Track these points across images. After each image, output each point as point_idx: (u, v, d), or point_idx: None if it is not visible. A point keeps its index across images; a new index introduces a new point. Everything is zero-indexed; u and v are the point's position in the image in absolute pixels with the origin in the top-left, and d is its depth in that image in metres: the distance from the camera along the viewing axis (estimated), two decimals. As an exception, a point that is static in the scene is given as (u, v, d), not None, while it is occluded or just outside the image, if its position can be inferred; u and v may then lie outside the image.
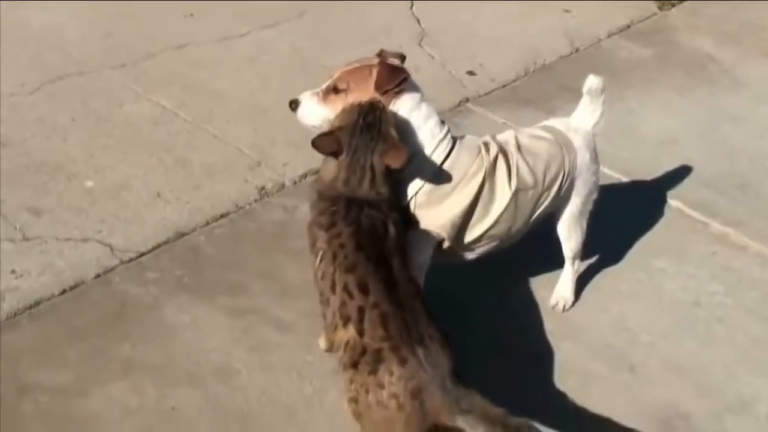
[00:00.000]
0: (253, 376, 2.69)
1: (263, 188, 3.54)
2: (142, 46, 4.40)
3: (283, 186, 3.57)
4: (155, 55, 4.35)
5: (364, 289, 2.26)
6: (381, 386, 2.18)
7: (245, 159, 3.70)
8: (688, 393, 2.83)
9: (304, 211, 3.41)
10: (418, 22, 4.99)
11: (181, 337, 2.80)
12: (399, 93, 2.60)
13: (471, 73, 4.55)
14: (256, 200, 3.48)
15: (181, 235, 3.25)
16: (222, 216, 3.36)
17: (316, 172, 3.65)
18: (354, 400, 2.25)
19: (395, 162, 2.48)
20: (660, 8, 5.41)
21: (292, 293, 3.01)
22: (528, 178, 2.75)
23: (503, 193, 2.71)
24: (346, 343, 2.25)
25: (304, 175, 3.65)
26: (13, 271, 2.97)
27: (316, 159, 3.74)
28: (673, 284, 3.26)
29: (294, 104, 2.71)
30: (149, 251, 3.15)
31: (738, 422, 2.74)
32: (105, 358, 2.70)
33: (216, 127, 3.88)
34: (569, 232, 2.99)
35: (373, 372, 2.19)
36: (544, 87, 4.40)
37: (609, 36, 5.05)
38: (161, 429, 2.49)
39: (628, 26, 5.17)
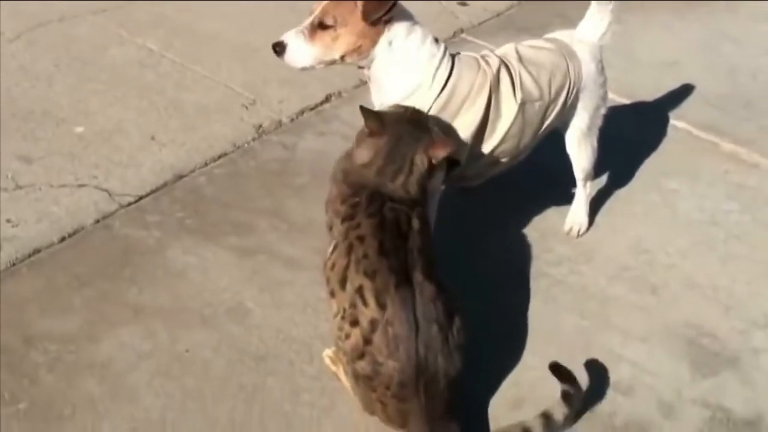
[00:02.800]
0: (266, 314, 2.59)
1: (260, 126, 3.42)
2: (122, -11, 4.25)
3: (280, 123, 3.46)
4: (137, -1, 4.20)
5: (381, 304, 2.10)
6: (373, 390, 2.15)
7: (239, 98, 3.58)
8: (712, 311, 2.77)
9: (304, 148, 3.34)
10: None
11: (189, 279, 2.70)
12: (389, 21, 2.44)
13: (463, 3, 4.42)
14: (254, 139, 3.36)
15: (180, 177, 3.13)
16: (221, 156, 3.25)
17: (313, 108, 3.60)
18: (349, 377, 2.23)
19: (441, 152, 2.28)
20: (650, -68, 5.28)
21: (299, 230, 2.91)
22: (533, 90, 2.63)
23: (509, 107, 2.59)
24: (347, 336, 2.14)
25: (301, 112, 3.54)
26: (8, 220, 2.85)
27: (312, 96, 3.68)
28: (687, 204, 3.19)
29: (279, 47, 2.48)
30: (148, 194, 3.04)
31: (766, 336, 2.68)
32: (112, 303, 2.59)
33: (206, 68, 3.75)
34: (579, 149, 2.89)
35: (371, 378, 2.14)
36: (539, 14, 4.30)
37: (601, -39, 4.92)
38: (178, 371, 2.39)
39: (621, -50, 5.04)
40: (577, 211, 3.03)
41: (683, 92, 3.78)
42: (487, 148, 2.62)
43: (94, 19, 4.01)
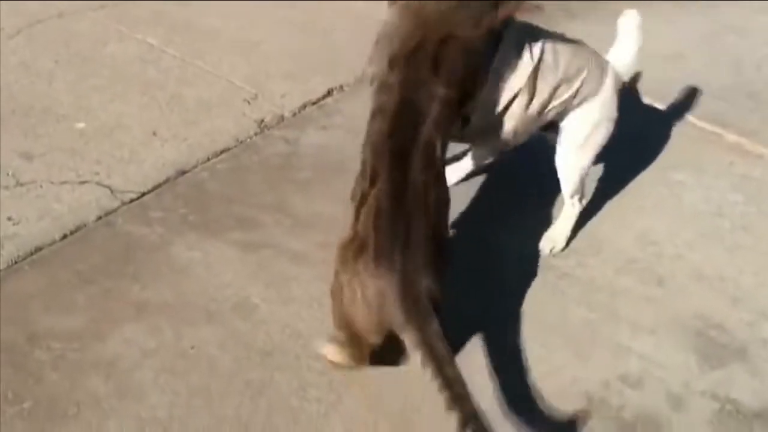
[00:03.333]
0: (273, 309, 2.57)
1: (263, 121, 3.40)
2: (121, -15, 4.22)
3: (282, 118, 3.43)
4: (136, -5, 4.17)
5: (374, 177, 2.19)
6: (356, 274, 2.12)
7: (241, 93, 3.55)
8: (720, 303, 2.75)
9: (307, 142, 3.32)
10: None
11: (193, 275, 2.68)
12: None
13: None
14: (256, 133, 3.33)
15: (182, 172, 3.10)
16: (223, 151, 3.22)
17: (315, 103, 3.57)
18: (335, 275, 2.20)
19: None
20: (650, -76, 5.25)
21: (304, 225, 2.89)
22: (549, 57, 2.57)
23: (524, 65, 2.53)
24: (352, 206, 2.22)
25: (303, 107, 3.52)
26: (9, 218, 2.82)
27: (313, 90, 3.66)
28: (693, 196, 3.17)
29: None
30: (150, 190, 3.01)
31: (774, 328, 2.67)
32: (116, 301, 2.57)
33: (207, 63, 3.72)
34: (565, 162, 2.76)
35: (354, 259, 2.13)
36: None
37: (603, -47, 4.89)
38: (183, 368, 2.37)
39: (620, -56, 5.01)
40: (557, 229, 2.90)
41: (688, 84, 3.76)
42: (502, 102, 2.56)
43: (94, 15, 3.99)
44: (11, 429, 2.18)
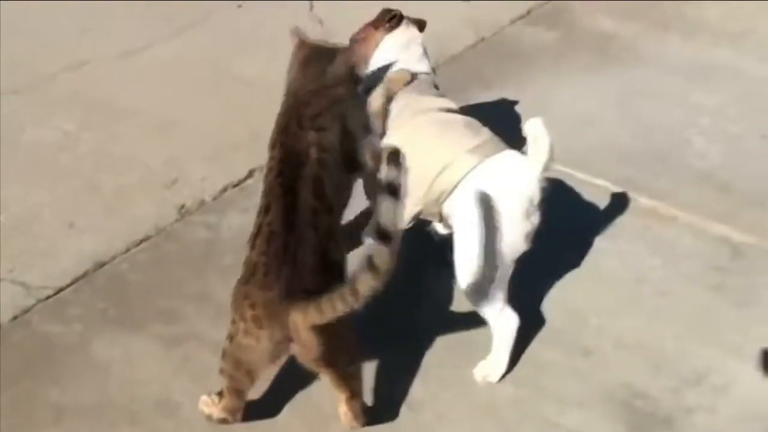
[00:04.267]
0: (197, 407, 2.51)
1: (183, 206, 3.37)
2: (37, 67, 4.15)
3: (203, 202, 3.41)
4: (52, 76, 4.11)
5: (267, 210, 2.37)
6: (247, 296, 2.28)
7: (160, 177, 3.52)
8: (643, 371, 2.79)
9: (229, 226, 3.30)
10: (321, 23, 4.86)
11: (114, 374, 2.63)
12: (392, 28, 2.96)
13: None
14: (176, 220, 3.31)
15: (101, 264, 3.06)
16: (143, 240, 3.18)
17: (237, 185, 3.56)
18: (231, 322, 2.34)
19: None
20: (556, -9, 5.41)
21: (227, 313, 2.80)
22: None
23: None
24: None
25: (224, 189, 3.50)
26: None
27: (235, 172, 3.64)
28: (612, 262, 3.23)
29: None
30: (68, 286, 2.96)
31: (697, 394, 2.71)
32: (33, 406, 2.51)
33: (125, 147, 3.69)
34: (460, 275, 2.65)
35: (245, 284, 2.31)
36: (458, 77, 4.32)
37: (512, 23, 5.00)
38: (106, 475, 2.31)
39: (529, 12, 5.13)
40: (490, 357, 2.73)
41: (600, 149, 3.85)
42: None
43: (9, 99, 3.91)
44: None
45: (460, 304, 2.87)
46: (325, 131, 2.49)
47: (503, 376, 2.72)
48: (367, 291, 2.10)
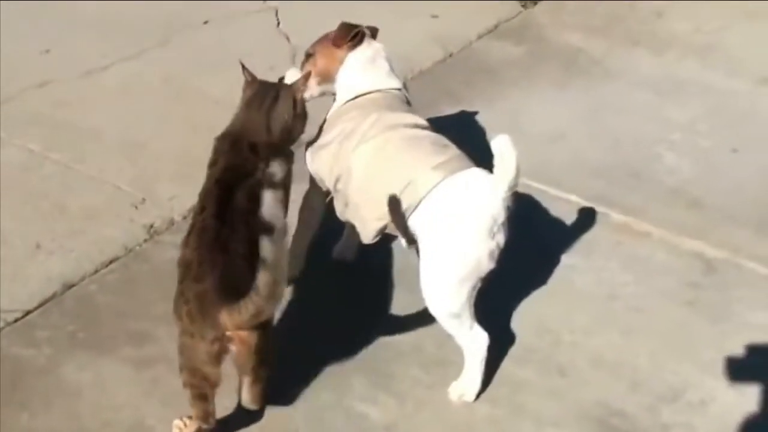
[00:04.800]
0: (169, 430, 2.47)
1: (152, 226, 3.32)
2: (-1, 87, 4.10)
3: (172, 222, 3.36)
4: (15, 97, 4.05)
5: (202, 210, 2.41)
6: (181, 293, 2.31)
7: (128, 197, 3.47)
8: (618, 388, 2.79)
9: (200, 246, 3.24)
10: (288, 39, 4.84)
11: (85, 398, 2.57)
12: (355, 45, 2.89)
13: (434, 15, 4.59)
14: (146, 240, 3.26)
15: (69, 286, 3.00)
16: (112, 261, 3.13)
17: (205, 205, 3.51)
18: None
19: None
20: (524, 7, 5.42)
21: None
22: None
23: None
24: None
25: (193, 209, 3.44)
26: None
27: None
28: (585, 279, 3.23)
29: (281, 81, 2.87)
30: (36, 308, 2.90)
31: (673, 411, 2.71)
32: (2, 431, 2.45)
33: (91, 167, 3.63)
34: (426, 293, 2.63)
35: (182, 281, 2.33)
36: (427, 93, 4.31)
37: (479, 38, 5.02)
38: (77, 504, 2.26)
39: (496, 26, 5.16)
40: (464, 376, 2.72)
41: (571, 164, 3.86)
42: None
43: (-30, 120, 3.86)
44: None
45: (431, 323, 2.85)
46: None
47: (478, 395, 2.71)
48: (265, 288, 2.12)
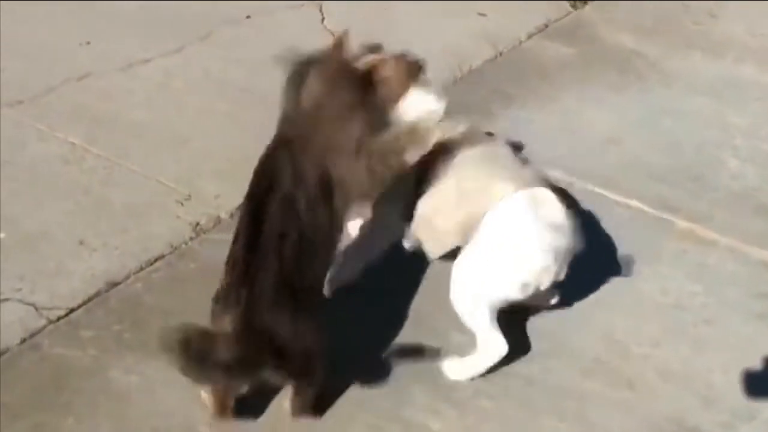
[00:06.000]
0: (223, 438, 2.35)
1: (198, 224, 3.20)
2: (38, 79, 3.97)
3: (219, 220, 3.24)
4: (55, 89, 3.93)
5: (236, 238, 2.41)
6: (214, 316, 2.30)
7: (173, 194, 3.35)
8: (691, 404, 2.64)
9: (249, 245, 3.12)
10: (333, 35, 4.70)
11: (133, 403, 2.45)
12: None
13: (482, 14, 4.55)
14: (192, 238, 3.14)
15: (114, 284, 2.89)
16: (157, 259, 3.01)
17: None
18: None
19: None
20: (573, 7, 5.28)
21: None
22: None
23: None
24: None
25: (240, 206, 3.33)
26: None
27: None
28: (651, 287, 3.07)
29: None
30: (80, 306, 2.79)
31: (751, 430, 2.56)
32: (47, 437, 2.33)
33: (134, 162, 3.51)
34: (454, 283, 2.66)
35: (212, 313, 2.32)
36: (478, 92, 4.20)
37: (529, 37, 4.87)
38: None
39: (546, 26, 5.01)
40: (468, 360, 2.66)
41: (630, 169, 3.70)
42: None
43: (10, 113, 3.74)
44: None
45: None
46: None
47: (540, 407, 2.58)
48: None
